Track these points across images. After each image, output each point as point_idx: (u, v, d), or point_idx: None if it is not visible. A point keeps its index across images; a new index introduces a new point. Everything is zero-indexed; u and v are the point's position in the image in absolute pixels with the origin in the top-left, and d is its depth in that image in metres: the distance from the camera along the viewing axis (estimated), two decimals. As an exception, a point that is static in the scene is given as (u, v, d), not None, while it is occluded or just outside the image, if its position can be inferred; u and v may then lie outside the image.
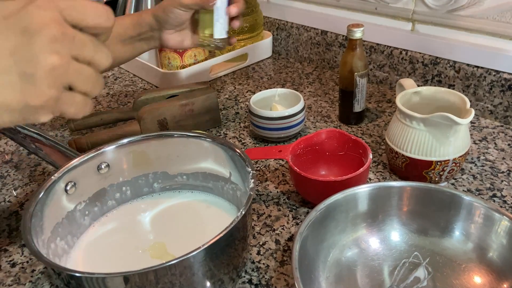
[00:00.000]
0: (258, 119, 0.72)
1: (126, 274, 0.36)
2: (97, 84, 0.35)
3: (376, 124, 0.78)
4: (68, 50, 0.32)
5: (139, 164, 0.56)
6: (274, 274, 0.50)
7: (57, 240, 0.47)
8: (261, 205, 0.61)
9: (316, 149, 0.64)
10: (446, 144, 0.57)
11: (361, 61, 0.71)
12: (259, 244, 0.54)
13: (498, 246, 0.46)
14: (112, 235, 0.53)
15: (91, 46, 0.34)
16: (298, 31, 1.03)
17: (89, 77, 0.34)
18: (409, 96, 0.63)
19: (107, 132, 0.73)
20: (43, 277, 0.52)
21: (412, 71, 0.84)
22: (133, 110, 0.79)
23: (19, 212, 0.63)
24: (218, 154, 0.53)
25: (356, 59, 0.71)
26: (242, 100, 0.89)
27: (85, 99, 0.35)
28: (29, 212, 0.43)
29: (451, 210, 0.49)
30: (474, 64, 0.75)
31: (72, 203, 0.51)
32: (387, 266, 0.49)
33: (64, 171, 0.49)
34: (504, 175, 0.63)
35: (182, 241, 0.51)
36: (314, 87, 0.93)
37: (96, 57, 0.34)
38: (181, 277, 0.39)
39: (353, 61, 0.71)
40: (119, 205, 0.56)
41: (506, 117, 0.74)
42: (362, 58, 0.71)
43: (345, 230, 0.50)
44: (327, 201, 0.49)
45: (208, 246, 0.38)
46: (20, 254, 0.56)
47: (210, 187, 0.57)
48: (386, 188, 0.51)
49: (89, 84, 0.34)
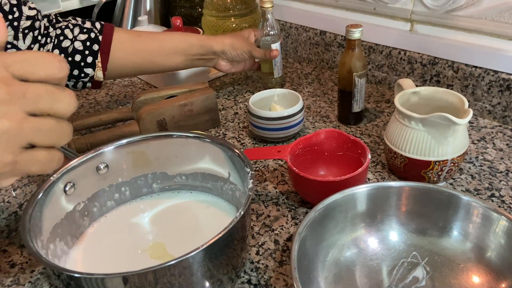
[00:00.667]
0: (257, 119, 0.72)
1: (125, 275, 0.36)
2: (63, 134, 0.33)
3: (375, 124, 0.78)
4: (19, 108, 0.30)
5: (138, 164, 0.56)
6: (273, 274, 0.50)
7: (56, 240, 0.47)
8: (260, 205, 0.61)
9: (315, 149, 0.64)
10: (444, 144, 0.57)
11: (360, 61, 0.71)
12: (258, 244, 0.54)
13: (496, 246, 0.46)
14: (111, 236, 0.53)
15: (47, 96, 0.31)
16: (297, 31, 1.04)
17: (52, 129, 0.32)
18: (407, 96, 0.63)
19: (106, 133, 0.73)
20: (42, 277, 0.52)
21: (410, 71, 0.85)
22: (132, 110, 0.79)
23: (18, 213, 0.63)
24: (217, 154, 0.53)
25: (355, 60, 0.71)
26: (241, 101, 0.89)
27: (50, 153, 0.32)
28: (28, 213, 0.43)
29: (450, 210, 0.49)
30: (472, 64, 0.75)
31: (71, 204, 0.51)
32: (386, 266, 0.49)
33: (63, 172, 0.49)
34: (502, 175, 0.63)
35: (181, 241, 0.51)
36: (313, 87, 0.93)
37: (56, 106, 0.31)
38: (180, 278, 0.39)
39: (352, 62, 0.71)
40: (118, 205, 0.56)
41: (504, 117, 0.74)
42: (361, 59, 0.71)
43: (344, 230, 0.51)
44: (326, 201, 0.49)
45: (207, 247, 0.38)
46: (20, 255, 0.56)
47: (209, 188, 0.57)
48: (384, 188, 0.51)
49: (53, 137, 0.32)
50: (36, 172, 0.33)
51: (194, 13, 1.16)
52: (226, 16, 0.99)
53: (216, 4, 0.99)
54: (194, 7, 1.16)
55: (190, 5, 1.16)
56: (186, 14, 1.15)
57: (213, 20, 1.00)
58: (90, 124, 0.79)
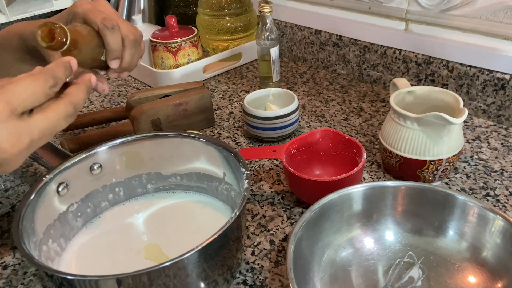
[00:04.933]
0: (252, 118, 0.72)
1: (119, 277, 0.36)
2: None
3: (370, 123, 0.78)
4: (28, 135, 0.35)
5: (132, 164, 0.55)
6: (268, 275, 0.50)
7: (49, 242, 0.47)
8: (256, 205, 0.60)
9: (311, 149, 0.63)
10: (439, 143, 0.57)
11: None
12: (254, 245, 0.54)
13: (492, 245, 0.46)
14: (105, 237, 0.52)
15: (48, 132, 0.36)
16: (292, 31, 1.03)
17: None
18: (403, 95, 0.63)
19: (100, 132, 0.73)
20: (35, 279, 0.52)
21: (405, 71, 0.85)
22: (126, 110, 0.78)
23: (10, 214, 0.62)
24: (212, 154, 0.53)
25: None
26: (236, 100, 0.89)
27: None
28: (20, 214, 0.42)
29: (445, 210, 0.49)
30: (467, 64, 0.76)
31: (64, 205, 0.50)
32: (382, 266, 0.49)
33: (55, 172, 0.48)
34: (497, 174, 0.63)
35: (176, 242, 0.51)
36: (308, 86, 0.93)
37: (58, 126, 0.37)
38: (175, 279, 0.38)
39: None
40: (112, 206, 0.56)
41: (499, 116, 0.75)
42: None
43: (339, 230, 0.50)
44: (322, 201, 0.48)
45: (202, 248, 0.38)
46: (12, 256, 0.55)
47: (204, 188, 0.57)
48: (380, 187, 0.51)
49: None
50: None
51: (188, 12, 1.16)
52: (221, 15, 0.98)
53: (211, 3, 0.98)
54: (189, 6, 1.16)
55: (184, 4, 1.16)
56: (181, 13, 1.15)
57: (207, 19, 1.00)
58: (83, 123, 0.78)
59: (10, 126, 0.33)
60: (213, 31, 1.00)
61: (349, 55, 0.93)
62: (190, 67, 0.94)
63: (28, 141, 0.34)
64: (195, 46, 0.96)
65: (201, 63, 0.96)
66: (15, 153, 0.34)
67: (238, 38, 1.02)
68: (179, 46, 0.93)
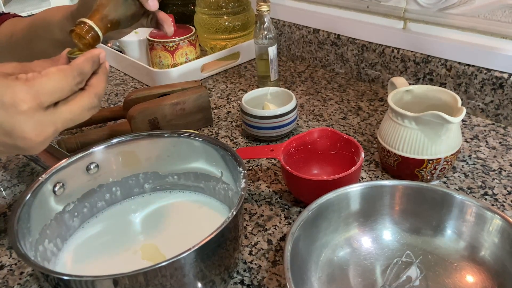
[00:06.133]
0: (250, 118, 0.72)
1: (115, 277, 0.35)
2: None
3: (368, 122, 0.78)
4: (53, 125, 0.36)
5: (129, 164, 0.55)
6: (266, 275, 0.50)
7: (46, 242, 0.46)
8: (253, 205, 0.60)
9: (308, 148, 0.63)
10: (438, 142, 0.57)
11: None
12: (251, 244, 0.54)
13: (490, 244, 0.46)
14: (102, 237, 0.52)
15: (72, 123, 0.39)
16: (290, 30, 1.03)
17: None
18: (401, 94, 0.63)
19: (97, 132, 0.72)
20: (31, 279, 0.52)
21: (403, 70, 0.84)
22: (124, 109, 0.78)
23: (7, 214, 0.62)
24: (209, 153, 0.53)
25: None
26: (234, 99, 0.89)
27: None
28: (16, 214, 0.42)
29: (443, 209, 0.49)
30: (465, 62, 0.75)
31: (61, 205, 0.50)
32: (379, 265, 0.48)
33: (52, 172, 0.48)
34: (495, 173, 0.63)
35: (174, 241, 0.50)
36: (306, 85, 0.92)
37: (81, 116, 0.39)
38: (172, 279, 0.38)
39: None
40: (109, 206, 0.56)
41: (497, 115, 0.75)
42: None
43: (337, 229, 0.50)
44: (319, 200, 0.48)
45: (199, 247, 0.37)
46: (8, 256, 0.55)
47: (202, 187, 0.56)
48: (378, 187, 0.51)
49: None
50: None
51: (186, 11, 1.15)
52: (219, 14, 0.98)
53: (209, 2, 0.98)
54: (187, 5, 1.15)
55: (182, 3, 1.15)
56: (179, 12, 1.14)
57: (205, 18, 0.99)
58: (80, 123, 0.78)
59: (36, 119, 0.35)
60: (211, 30, 1.00)
61: (347, 54, 0.93)
62: (188, 66, 0.94)
63: (52, 131, 0.36)
64: (193, 45, 0.96)
65: (199, 62, 0.96)
66: (40, 142, 0.36)
67: (236, 37, 1.02)
68: (177, 45, 0.93)
